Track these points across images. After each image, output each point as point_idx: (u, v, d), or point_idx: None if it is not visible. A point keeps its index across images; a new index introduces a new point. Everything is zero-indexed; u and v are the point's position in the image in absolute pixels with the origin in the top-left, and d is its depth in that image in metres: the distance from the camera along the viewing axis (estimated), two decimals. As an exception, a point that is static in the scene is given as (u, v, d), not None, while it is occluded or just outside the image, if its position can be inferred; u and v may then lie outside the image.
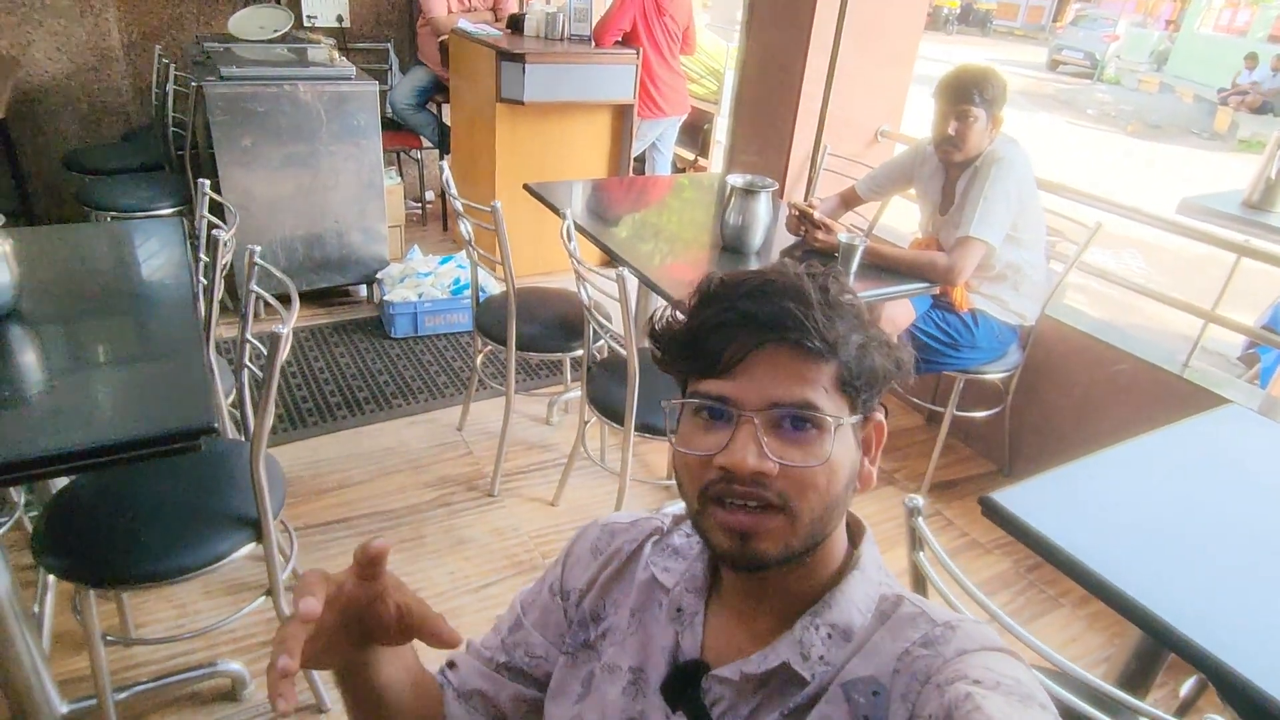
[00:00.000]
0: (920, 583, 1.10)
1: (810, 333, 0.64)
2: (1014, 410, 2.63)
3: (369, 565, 0.62)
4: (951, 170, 2.27)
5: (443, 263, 3.47)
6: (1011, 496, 1.23)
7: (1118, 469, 1.37)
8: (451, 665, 0.86)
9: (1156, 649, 1.34)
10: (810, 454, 0.64)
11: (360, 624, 0.65)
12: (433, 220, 4.72)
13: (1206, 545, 1.20)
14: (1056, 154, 9.58)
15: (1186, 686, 1.74)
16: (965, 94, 2.10)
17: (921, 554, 1.08)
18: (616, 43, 3.75)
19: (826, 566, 0.70)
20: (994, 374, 2.45)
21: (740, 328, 0.65)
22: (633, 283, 1.90)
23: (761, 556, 0.65)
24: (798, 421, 0.64)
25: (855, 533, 0.74)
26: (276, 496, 1.55)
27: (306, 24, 4.41)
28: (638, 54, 3.67)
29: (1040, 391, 2.63)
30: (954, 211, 2.24)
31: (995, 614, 0.96)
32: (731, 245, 2.19)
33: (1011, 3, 24.01)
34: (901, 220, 3.25)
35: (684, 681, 0.71)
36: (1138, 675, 1.39)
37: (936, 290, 2.23)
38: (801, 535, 0.65)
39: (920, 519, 1.06)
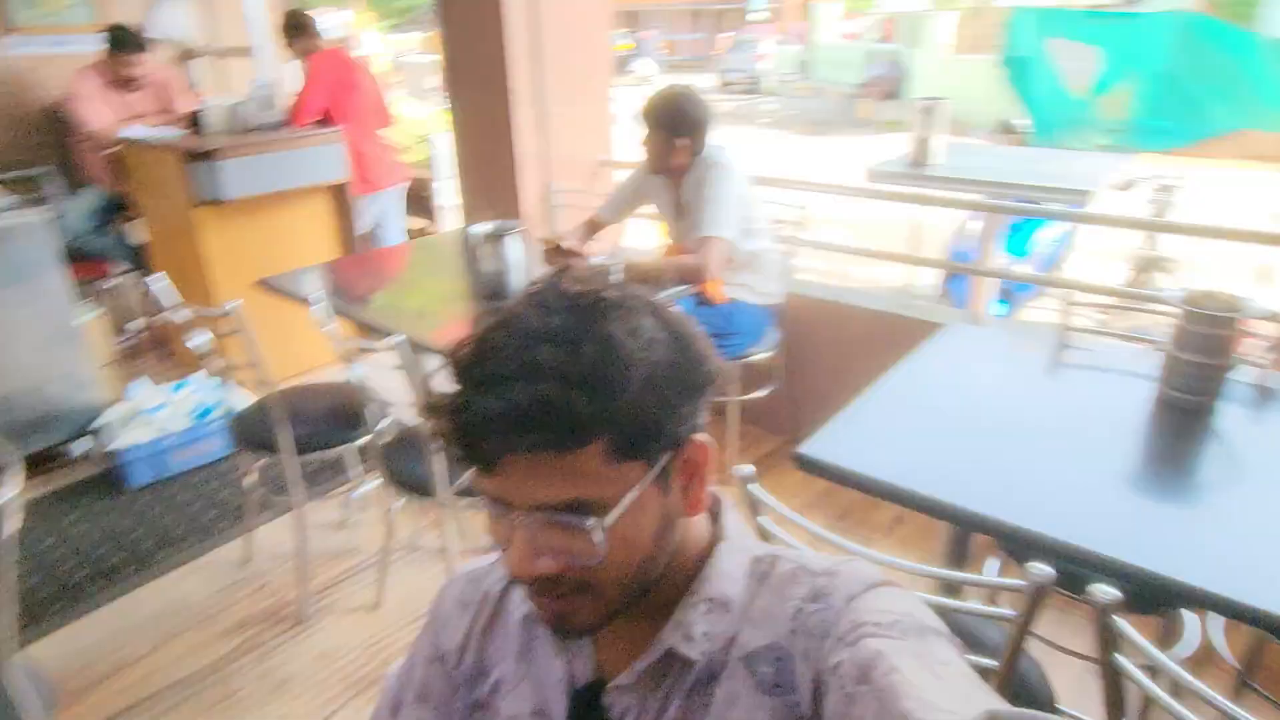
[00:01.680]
0: (768, 542, 1.16)
1: (555, 427, 0.55)
2: (789, 382, 2.86)
3: None
4: (676, 180, 2.45)
5: (176, 389, 3.08)
6: (816, 447, 1.33)
7: (888, 401, 1.53)
8: None
9: (964, 538, 1.53)
10: (590, 551, 0.59)
11: None
12: (155, 346, 4.18)
13: (975, 439, 1.39)
14: (751, 160, 10.67)
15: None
16: (656, 116, 2.31)
17: (761, 518, 1.14)
18: (316, 122, 3.60)
19: (689, 558, 0.68)
20: (761, 354, 2.65)
21: (484, 428, 0.57)
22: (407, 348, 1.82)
23: (582, 629, 0.65)
24: (570, 517, 0.59)
25: (714, 508, 0.72)
26: (45, 703, 1.28)
27: (-70, 163, 3.75)
28: (338, 132, 3.56)
29: (804, 359, 2.90)
30: (690, 216, 2.41)
31: (848, 546, 1.03)
32: (491, 293, 2.18)
33: (675, 40, 27.16)
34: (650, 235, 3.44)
35: (586, 706, 0.69)
36: (954, 566, 1.58)
37: (694, 289, 2.38)
38: (617, 600, 0.63)
39: (753, 485, 1.12)
